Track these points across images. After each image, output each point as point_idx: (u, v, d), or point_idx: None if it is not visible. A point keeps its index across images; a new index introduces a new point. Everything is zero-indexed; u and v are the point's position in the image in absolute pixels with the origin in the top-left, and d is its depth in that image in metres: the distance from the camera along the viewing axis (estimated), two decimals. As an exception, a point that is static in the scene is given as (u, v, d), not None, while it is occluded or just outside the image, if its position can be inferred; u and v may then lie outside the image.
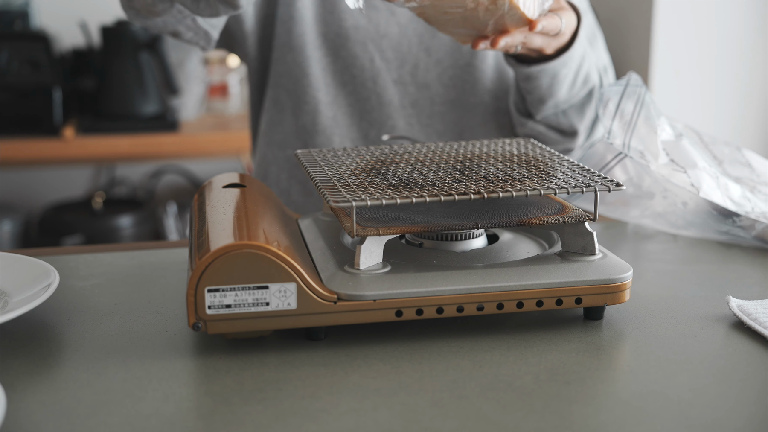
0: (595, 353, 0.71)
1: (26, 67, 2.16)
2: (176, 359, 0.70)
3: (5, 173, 2.46)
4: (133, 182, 2.55)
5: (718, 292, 0.85)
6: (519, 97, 1.22)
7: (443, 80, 1.24)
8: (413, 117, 1.25)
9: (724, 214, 0.99)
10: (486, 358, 0.70)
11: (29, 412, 0.62)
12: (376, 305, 0.71)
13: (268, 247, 0.69)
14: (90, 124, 2.20)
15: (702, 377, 0.67)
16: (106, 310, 0.80)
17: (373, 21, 1.23)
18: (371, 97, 1.24)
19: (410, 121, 1.25)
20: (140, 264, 0.93)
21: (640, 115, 1.03)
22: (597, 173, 0.79)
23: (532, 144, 0.93)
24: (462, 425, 0.60)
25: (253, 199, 0.83)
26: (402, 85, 1.25)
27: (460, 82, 1.24)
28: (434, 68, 1.24)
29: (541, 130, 1.22)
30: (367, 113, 1.24)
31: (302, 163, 0.86)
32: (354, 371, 0.68)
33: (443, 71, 1.23)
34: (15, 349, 0.72)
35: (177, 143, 2.23)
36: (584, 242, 0.78)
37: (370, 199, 0.72)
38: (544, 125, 1.22)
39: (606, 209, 1.07)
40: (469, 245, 0.80)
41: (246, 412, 0.62)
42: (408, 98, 1.25)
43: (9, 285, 0.80)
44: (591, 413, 0.62)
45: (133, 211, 2.29)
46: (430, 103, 1.24)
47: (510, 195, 0.73)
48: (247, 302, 0.69)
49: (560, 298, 0.74)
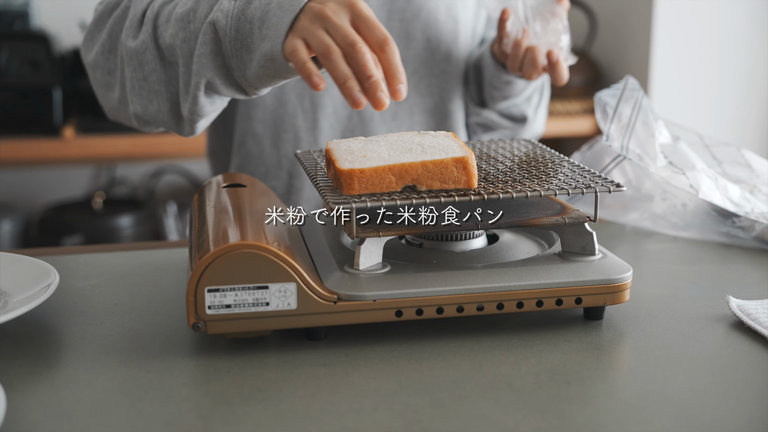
0: (595, 353, 0.71)
1: (26, 67, 2.16)
2: (176, 359, 0.70)
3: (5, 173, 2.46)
4: (133, 182, 2.55)
5: (718, 292, 0.85)
6: (476, 89, 1.26)
7: (420, 89, 1.24)
8: (395, 129, 1.25)
9: (723, 214, 0.99)
10: (486, 358, 0.70)
11: (29, 412, 0.62)
12: (376, 305, 0.71)
13: (268, 247, 0.69)
14: (90, 124, 2.20)
15: (702, 377, 0.67)
16: (106, 310, 0.80)
17: None
18: (352, 115, 1.23)
19: None
20: (140, 264, 0.93)
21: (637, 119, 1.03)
22: (597, 174, 0.79)
23: (533, 144, 0.93)
24: (462, 425, 0.60)
25: (253, 199, 0.83)
26: None
27: (436, 90, 1.25)
28: (410, 78, 1.24)
29: (495, 118, 1.28)
30: (349, 132, 1.23)
31: (302, 163, 0.86)
32: (354, 371, 0.68)
33: (419, 80, 1.23)
34: (15, 349, 0.72)
35: (177, 143, 2.23)
36: (584, 242, 0.78)
37: (370, 200, 0.72)
38: (498, 114, 1.28)
39: (605, 213, 1.07)
40: (469, 245, 0.80)
41: (246, 412, 0.62)
42: (388, 111, 1.24)
43: (9, 285, 0.80)
44: (591, 413, 0.62)
45: (133, 211, 2.29)
46: (410, 113, 1.25)
47: (510, 196, 0.73)
48: (247, 302, 0.69)
49: (560, 298, 0.74)
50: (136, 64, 0.95)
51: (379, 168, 0.73)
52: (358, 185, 0.72)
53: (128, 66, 0.95)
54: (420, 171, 0.73)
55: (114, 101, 1.01)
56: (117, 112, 1.03)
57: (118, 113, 1.03)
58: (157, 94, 0.95)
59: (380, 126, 1.24)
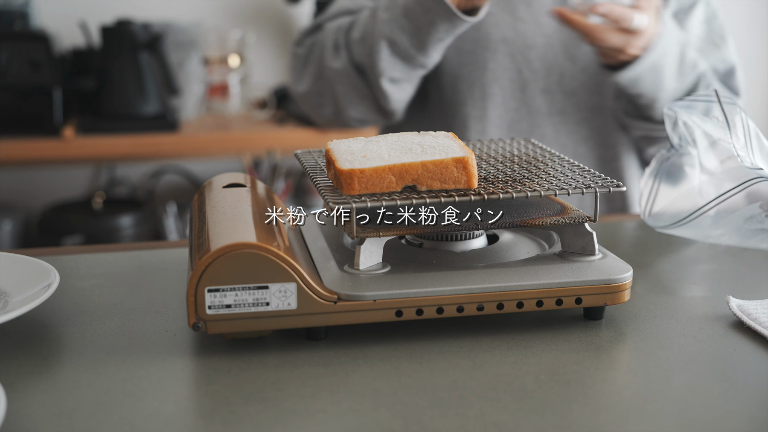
0: (595, 353, 0.71)
1: (26, 67, 2.16)
2: (176, 359, 0.70)
3: (5, 173, 2.46)
4: (133, 182, 2.55)
5: (718, 292, 0.85)
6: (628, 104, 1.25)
7: (588, 87, 1.27)
8: (561, 124, 1.27)
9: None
10: (486, 358, 0.70)
11: (29, 412, 0.62)
12: (376, 305, 0.71)
13: (268, 247, 0.69)
14: (90, 124, 2.20)
15: (702, 377, 0.67)
16: (105, 310, 0.80)
17: (519, 33, 1.27)
18: (520, 107, 1.26)
19: (558, 128, 1.28)
20: (140, 264, 0.93)
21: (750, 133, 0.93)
22: (597, 174, 0.79)
23: (533, 144, 0.93)
24: (462, 425, 0.60)
25: (253, 199, 0.83)
26: (549, 94, 1.28)
27: (604, 88, 1.27)
28: (580, 76, 1.27)
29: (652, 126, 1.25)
30: (515, 123, 1.27)
31: (302, 163, 0.86)
32: (354, 371, 0.68)
33: (588, 78, 1.26)
34: (15, 349, 0.72)
35: (177, 143, 2.23)
36: (584, 242, 0.78)
37: (370, 200, 0.72)
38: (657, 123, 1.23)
39: None
40: (469, 245, 0.80)
41: (246, 412, 0.62)
42: (555, 106, 1.27)
43: (9, 285, 0.80)
44: (591, 413, 0.62)
45: (133, 211, 2.29)
46: (577, 110, 1.27)
47: (510, 196, 0.73)
48: (247, 302, 0.69)
49: (560, 298, 0.74)
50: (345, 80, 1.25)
51: (379, 168, 0.73)
52: (358, 185, 0.72)
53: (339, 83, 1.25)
54: (420, 171, 0.73)
55: (328, 115, 1.32)
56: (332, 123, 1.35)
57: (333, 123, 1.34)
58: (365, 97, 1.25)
59: (546, 119, 1.27)
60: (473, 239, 0.80)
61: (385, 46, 1.18)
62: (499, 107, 1.28)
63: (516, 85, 1.29)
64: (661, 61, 1.15)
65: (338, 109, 1.29)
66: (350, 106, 1.27)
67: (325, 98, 1.30)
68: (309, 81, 1.30)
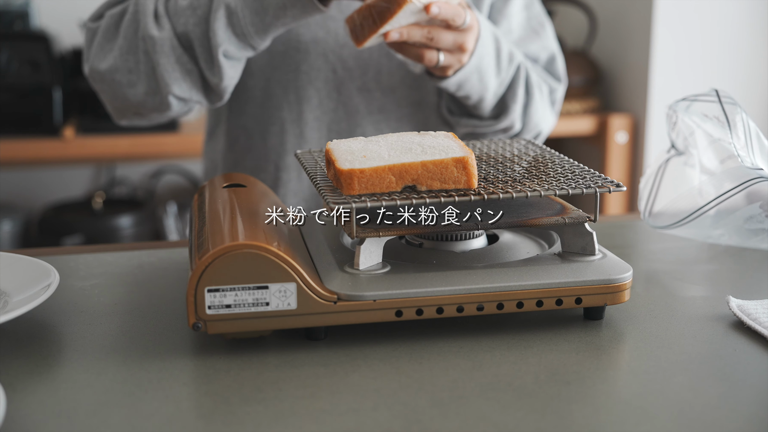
0: (595, 353, 0.71)
1: (26, 67, 2.16)
2: (176, 359, 0.70)
3: (5, 173, 2.46)
4: (133, 182, 2.55)
5: (718, 292, 0.85)
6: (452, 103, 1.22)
7: (408, 82, 1.23)
8: (382, 122, 1.24)
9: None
10: (486, 358, 0.70)
11: (29, 412, 0.62)
12: (376, 305, 0.71)
13: (268, 247, 0.69)
14: (90, 124, 2.20)
15: (702, 377, 0.67)
16: (105, 310, 0.80)
17: (331, 31, 1.22)
18: (337, 108, 1.23)
19: (379, 126, 1.24)
20: (140, 264, 0.93)
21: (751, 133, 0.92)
22: (598, 174, 0.79)
23: (533, 144, 0.93)
24: (462, 425, 0.60)
25: (253, 199, 0.83)
26: (367, 92, 1.24)
27: (424, 82, 1.23)
28: (397, 72, 1.23)
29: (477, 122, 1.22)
30: (334, 124, 1.23)
31: (302, 163, 0.86)
32: (354, 371, 0.68)
33: (406, 74, 1.22)
34: (15, 349, 0.72)
35: (177, 143, 2.23)
36: (584, 242, 0.78)
37: (370, 200, 0.72)
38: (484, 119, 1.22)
39: None
40: (469, 245, 0.80)
41: (246, 412, 0.62)
42: (374, 104, 1.24)
43: (9, 285, 0.80)
44: (591, 413, 0.62)
45: (133, 211, 2.29)
46: (397, 107, 1.24)
47: (510, 196, 0.73)
48: (247, 302, 0.69)
49: (560, 298, 0.74)
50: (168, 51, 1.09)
51: (379, 168, 0.73)
52: (358, 185, 0.72)
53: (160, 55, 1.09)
54: (420, 171, 0.73)
55: (141, 94, 1.13)
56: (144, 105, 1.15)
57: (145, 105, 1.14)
58: (189, 72, 1.10)
59: (366, 118, 1.23)
60: (473, 239, 0.80)
61: (222, 16, 1.06)
62: (315, 109, 1.23)
63: (332, 86, 1.23)
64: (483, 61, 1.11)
65: (156, 87, 1.12)
66: (173, 82, 1.10)
67: (138, 75, 1.12)
68: (115, 56, 1.12)
